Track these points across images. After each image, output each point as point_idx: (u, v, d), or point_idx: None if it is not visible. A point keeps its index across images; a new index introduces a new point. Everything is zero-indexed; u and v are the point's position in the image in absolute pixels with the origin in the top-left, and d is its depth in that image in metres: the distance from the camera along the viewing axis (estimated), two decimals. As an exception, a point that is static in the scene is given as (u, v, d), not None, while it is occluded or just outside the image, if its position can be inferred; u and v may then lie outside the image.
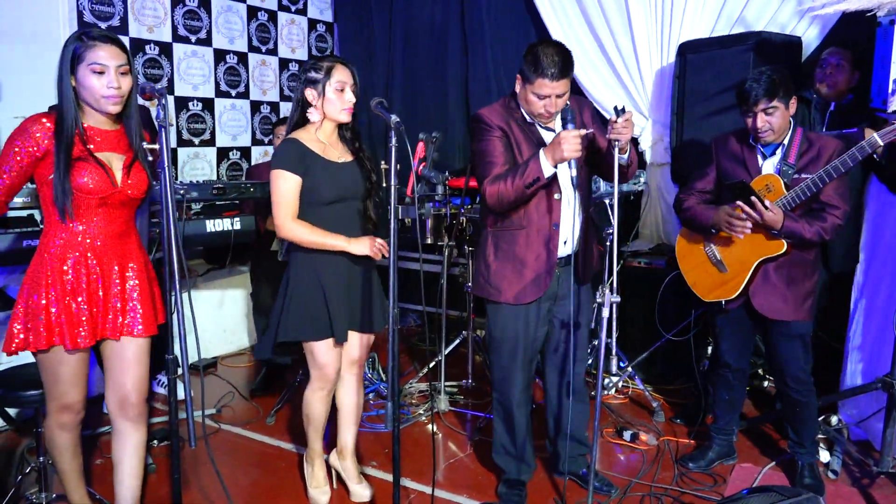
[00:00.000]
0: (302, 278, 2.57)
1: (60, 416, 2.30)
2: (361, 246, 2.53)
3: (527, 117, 2.57)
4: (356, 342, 2.72)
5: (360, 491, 2.79)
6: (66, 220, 2.17)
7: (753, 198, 2.57)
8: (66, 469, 2.40)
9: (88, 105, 2.18)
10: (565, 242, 2.61)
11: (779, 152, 2.69)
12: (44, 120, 2.13)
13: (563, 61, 2.41)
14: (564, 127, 2.37)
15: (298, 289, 2.57)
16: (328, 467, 2.88)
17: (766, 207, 2.57)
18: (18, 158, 2.13)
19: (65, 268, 2.18)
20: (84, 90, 2.14)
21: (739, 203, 2.62)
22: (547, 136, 2.59)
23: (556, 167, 2.39)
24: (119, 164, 2.23)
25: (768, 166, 2.71)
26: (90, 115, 2.20)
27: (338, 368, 2.67)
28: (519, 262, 2.59)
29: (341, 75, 2.50)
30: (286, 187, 2.49)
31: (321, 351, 2.61)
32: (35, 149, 2.12)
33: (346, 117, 2.55)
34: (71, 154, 2.13)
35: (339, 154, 2.60)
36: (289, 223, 2.51)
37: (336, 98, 2.51)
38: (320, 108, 2.53)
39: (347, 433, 2.83)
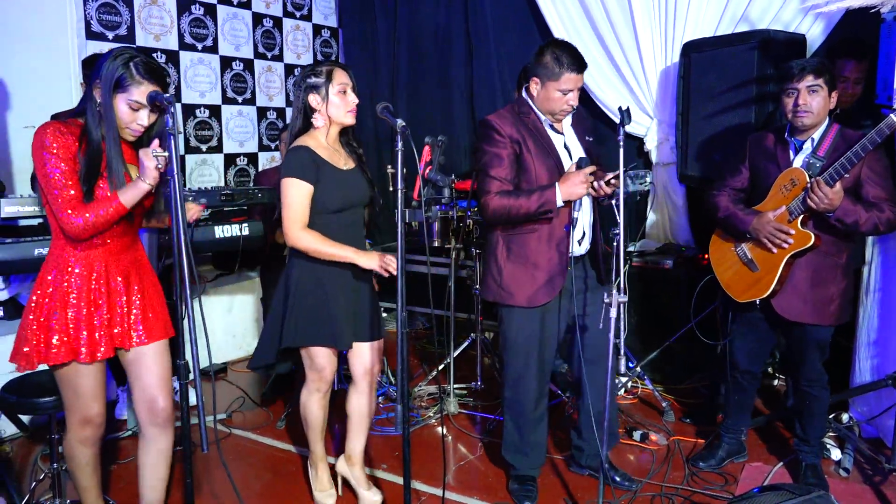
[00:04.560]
0: (305, 284, 2.54)
1: (82, 430, 2.26)
2: (370, 260, 2.49)
3: (540, 120, 2.60)
4: (367, 351, 2.69)
5: (371, 497, 2.76)
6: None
7: (814, 179, 2.48)
8: (86, 485, 2.36)
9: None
10: (580, 242, 2.63)
11: (808, 145, 2.64)
12: (63, 129, 2.09)
13: (580, 56, 2.54)
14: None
15: (302, 295, 2.54)
16: (334, 472, 2.87)
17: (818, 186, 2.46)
18: (65, 166, 2.07)
19: (80, 282, 2.17)
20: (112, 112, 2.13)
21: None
22: (556, 139, 2.61)
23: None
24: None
25: (798, 161, 2.66)
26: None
27: (334, 370, 2.69)
28: (532, 264, 2.60)
29: (342, 78, 2.51)
30: (298, 196, 2.46)
31: (320, 354, 2.60)
32: (72, 155, 2.09)
33: (350, 119, 2.55)
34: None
35: (343, 161, 2.59)
36: (298, 232, 2.47)
37: (340, 101, 2.51)
38: (325, 112, 2.52)
39: (356, 440, 2.78)
